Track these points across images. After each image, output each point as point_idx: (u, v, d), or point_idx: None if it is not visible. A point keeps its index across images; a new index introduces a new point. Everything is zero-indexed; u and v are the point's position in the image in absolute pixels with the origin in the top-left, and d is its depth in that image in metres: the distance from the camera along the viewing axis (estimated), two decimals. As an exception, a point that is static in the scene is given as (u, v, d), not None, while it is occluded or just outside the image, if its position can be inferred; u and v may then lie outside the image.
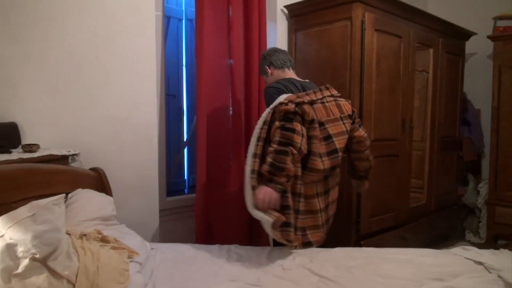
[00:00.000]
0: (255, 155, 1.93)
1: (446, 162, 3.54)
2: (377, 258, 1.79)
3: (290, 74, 2.23)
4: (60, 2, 2.06)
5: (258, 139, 1.94)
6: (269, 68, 2.24)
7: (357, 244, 2.62)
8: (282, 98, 1.94)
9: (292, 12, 3.00)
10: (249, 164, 1.93)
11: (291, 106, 1.85)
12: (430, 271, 1.61)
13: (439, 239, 3.51)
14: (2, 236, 1.12)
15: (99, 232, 1.58)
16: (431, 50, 3.26)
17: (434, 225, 3.42)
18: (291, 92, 2.03)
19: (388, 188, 2.86)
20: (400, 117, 2.91)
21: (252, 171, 1.91)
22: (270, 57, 2.25)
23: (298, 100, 1.90)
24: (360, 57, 2.57)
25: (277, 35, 3.01)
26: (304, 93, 2.01)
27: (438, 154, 3.40)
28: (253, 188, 1.89)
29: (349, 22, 2.59)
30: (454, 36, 3.52)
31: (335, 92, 2.12)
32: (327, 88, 2.09)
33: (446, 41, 3.37)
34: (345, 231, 2.64)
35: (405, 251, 1.89)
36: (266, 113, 1.96)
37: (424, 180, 3.35)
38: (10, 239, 1.11)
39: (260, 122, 1.96)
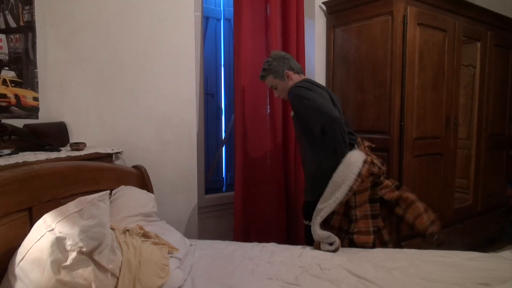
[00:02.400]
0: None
1: (495, 161, 3.36)
2: (419, 260, 1.73)
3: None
4: (104, 7, 2.14)
5: (350, 189, 1.91)
6: (289, 71, 2.16)
7: (398, 245, 2.55)
8: (362, 157, 1.95)
9: (331, 8, 2.95)
10: (332, 206, 1.93)
11: (376, 169, 1.97)
12: (475, 275, 1.54)
13: (486, 242, 3.35)
14: (52, 230, 1.18)
15: (141, 228, 1.63)
16: (478, 44, 3.11)
17: (480, 227, 3.26)
18: (321, 93, 2.01)
19: (431, 188, 2.76)
20: (444, 114, 2.80)
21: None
22: (289, 61, 2.18)
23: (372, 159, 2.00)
24: (401, 52, 2.49)
25: (315, 32, 2.98)
26: (367, 147, 2.05)
27: (485, 153, 3.24)
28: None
29: (390, 17, 2.52)
30: (504, 28, 3.33)
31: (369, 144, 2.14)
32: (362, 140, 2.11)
33: (495, 34, 3.20)
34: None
35: (449, 254, 1.81)
36: (360, 165, 1.92)
37: (470, 180, 3.20)
38: (60, 232, 1.17)
39: (354, 171, 1.91)
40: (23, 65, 1.88)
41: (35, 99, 1.93)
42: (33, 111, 1.93)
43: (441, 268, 1.63)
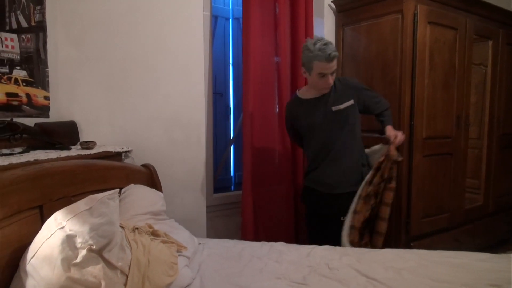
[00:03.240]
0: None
1: (507, 161, 3.32)
2: (429, 260, 1.72)
3: None
4: (114, 7, 2.16)
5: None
6: None
7: (407, 245, 2.53)
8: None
9: (340, 7, 2.94)
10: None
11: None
12: (486, 277, 1.52)
13: (497, 243, 3.30)
14: (63, 227, 1.19)
15: (150, 226, 1.64)
16: (490, 42, 3.07)
17: (492, 228, 3.22)
18: None
19: (441, 188, 2.73)
20: (455, 114, 2.76)
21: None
22: None
23: None
24: (411, 51, 2.47)
25: (324, 31, 2.96)
26: None
27: (497, 153, 3.20)
28: (351, 243, 2.07)
29: (400, 15, 2.50)
30: (516, 26, 3.29)
31: None
32: None
33: (507, 32, 3.15)
34: (394, 232, 2.56)
35: (459, 255, 1.79)
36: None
37: (481, 180, 3.16)
38: (70, 230, 1.18)
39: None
40: (34, 65, 1.90)
41: (46, 98, 1.95)
42: (44, 110, 1.95)
43: (451, 269, 1.62)
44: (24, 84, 1.86)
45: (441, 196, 2.74)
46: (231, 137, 3.43)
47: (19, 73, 1.84)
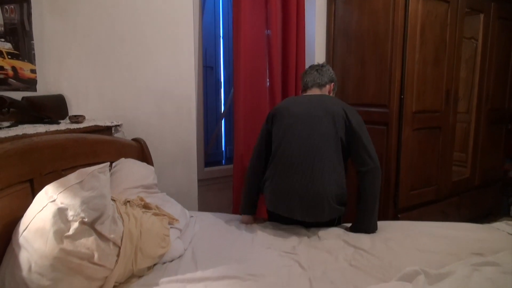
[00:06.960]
0: None
1: (493, 136, 3.37)
2: (415, 231, 1.77)
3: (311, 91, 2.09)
4: (101, -24, 2.09)
5: None
6: None
7: (395, 217, 2.59)
8: None
9: (332, -21, 2.89)
10: None
11: None
12: (470, 246, 1.58)
13: (482, 215, 3.39)
14: (54, 200, 1.20)
15: (141, 199, 1.65)
16: (481, 16, 3.05)
17: (477, 200, 3.30)
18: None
19: (430, 161, 2.77)
20: (445, 88, 2.78)
21: None
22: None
23: None
24: (403, 25, 2.45)
25: (316, 4, 2.92)
26: None
27: (484, 127, 3.24)
28: None
29: (392, -12, 2.47)
30: (508, 0, 3.26)
31: None
32: None
33: (499, 5, 3.14)
34: (382, 204, 2.61)
35: (444, 225, 1.85)
36: None
37: (468, 154, 3.21)
38: (61, 203, 1.19)
39: None
40: (19, 37, 1.86)
41: (33, 71, 1.92)
42: (31, 84, 1.92)
43: (436, 239, 1.67)
44: (9, 56, 1.82)
45: (429, 169, 2.78)
46: (222, 111, 3.42)
47: (4, 46, 1.80)
